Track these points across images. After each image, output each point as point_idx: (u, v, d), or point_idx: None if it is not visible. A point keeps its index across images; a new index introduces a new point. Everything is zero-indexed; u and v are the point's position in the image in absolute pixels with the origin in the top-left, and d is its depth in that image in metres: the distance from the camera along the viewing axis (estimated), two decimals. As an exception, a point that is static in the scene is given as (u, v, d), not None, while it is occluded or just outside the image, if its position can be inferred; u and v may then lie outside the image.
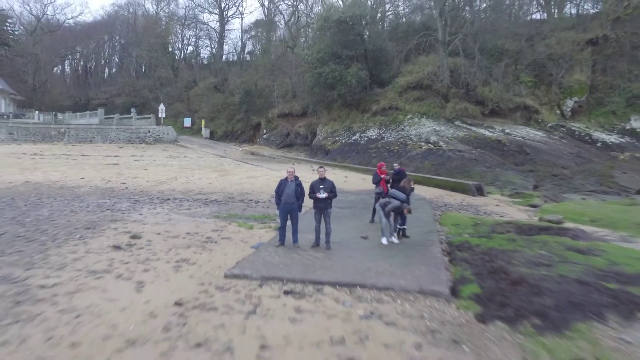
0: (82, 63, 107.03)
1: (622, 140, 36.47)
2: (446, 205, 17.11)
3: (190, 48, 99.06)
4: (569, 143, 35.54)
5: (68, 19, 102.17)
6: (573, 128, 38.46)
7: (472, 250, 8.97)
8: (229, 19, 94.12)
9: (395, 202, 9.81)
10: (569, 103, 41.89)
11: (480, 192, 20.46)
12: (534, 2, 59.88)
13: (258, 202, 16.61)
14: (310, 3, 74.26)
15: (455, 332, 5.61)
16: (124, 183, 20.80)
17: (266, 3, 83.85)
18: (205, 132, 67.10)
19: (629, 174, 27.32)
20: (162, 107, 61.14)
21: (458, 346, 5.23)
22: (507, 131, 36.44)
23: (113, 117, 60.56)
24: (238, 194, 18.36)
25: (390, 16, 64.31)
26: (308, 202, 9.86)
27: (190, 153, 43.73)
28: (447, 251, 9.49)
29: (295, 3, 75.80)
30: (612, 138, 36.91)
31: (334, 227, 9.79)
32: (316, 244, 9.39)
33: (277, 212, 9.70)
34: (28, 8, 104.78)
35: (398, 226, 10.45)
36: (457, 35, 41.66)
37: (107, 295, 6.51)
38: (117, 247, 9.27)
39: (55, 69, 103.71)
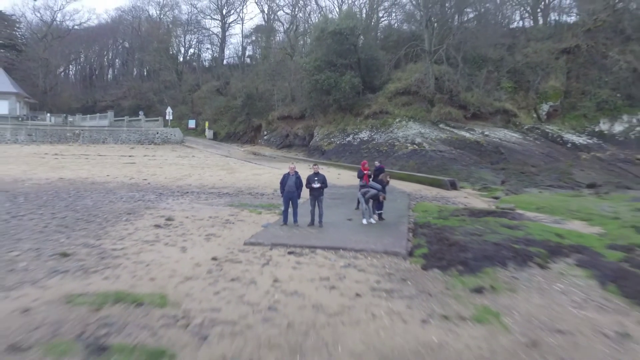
0: (87, 66, 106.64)
1: (590, 141, 38.76)
2: (422, 197, 19.43)
3: (192, 51, 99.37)
4: (542, 144, 37.81)
5: (76, 25, 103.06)
6: (547, 130, 40.74)
7: (430, 227, 11.36)
8: (231, 25, 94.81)
9: (373, 191, 12.17)
10: (545, 107, 44.11)
11: (453, 186, 22.83)
12: (518, 12, 62.33)
13: (263, 194, 18.92)
14: (307, 11, 75.16)
15: (405, 275, 7.97)
16: (145, 179, 23.04)
17: (266, 9, 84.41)
18: (208, 133, 68.02)
19: (585, 171, 29.69)
20: (169, 110, 62.87)
21: (404, 282, 7.58)
22: (486, 133, 38.67)
23: (123, 119, 61.75)
24: (246, 188, 20.66)
25: (384, 24, 66.03)
26: (305, 194, 12.22)
27: (197, 153, 45.50)
28: (412, 229, 11.84)
29: (294, 12, 77.31)
30: (581, 139, 39.18)
31: (325, 212, 12.13)
32: (311, 223, 11.72)
33: (282, 199, 12.12)
34: (39, 15, 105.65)
35: (376, 210, 12.83)
36: (442, 45, 43.87)
37: (163, 254, 8.84)
38: (158, 226, 11.59)
39: (63, 72, 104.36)
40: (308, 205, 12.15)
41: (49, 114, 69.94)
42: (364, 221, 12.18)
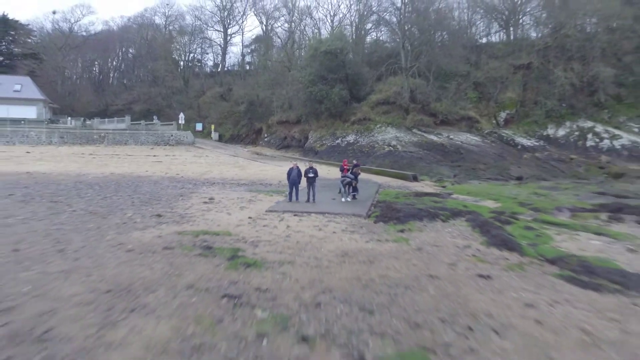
0: (97, 72, 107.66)
1: (537, 143, 43.55)
2: (389, 186, 24.17)
3: (196, 58, 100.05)
4: (497, 146, 42.60)
5: (91, 35, 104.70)
6: (503, 134, 45.49)
7: (385, 202, 16.14)
8: (232, 35, 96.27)
9: (347, 179, 16.93)
10: (503, 115, 48.87)
11: (415, 179, 27.62)
12: (489, 27, 66.51)
13: (271, 184, 23.55)
14: (303, 25, 78.60)
15: (362, 225, 12.74)
16: (178, 174, 27.44)
17: (264, 20, 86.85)
18: (214, 135, 71.01)
19: (522, 168, 34.60)
20: (182, 115, 66.83)
21: (361, 228, 12.33)
22: (450, 137, 43.40)
23: (139, 123, 64.44)
24: (257, 180, 25.26)
25: (371, 37, 69.31)
26: (302, 182, 16.93)
27: (208, 153, 49.23)
28: (374, 204, 16.60)
29: (290, 27, 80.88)
30: (530, 142, 43.93)
31: (317, 194, 16.89)
32: (307, 200, 16.41)
33: (288, 185, 16.84)
34: (58, 26, 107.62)
35: (351, 192, 17.56)
36: (415, 63, 48.62)
37: (217, 216, 13.49)
38: (205, 202, 16.21)
39: (78, 79, 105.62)
40: (306, 188, 16.91)
41: (69, 118, 72.81)
42: (343, 199, 16.95)
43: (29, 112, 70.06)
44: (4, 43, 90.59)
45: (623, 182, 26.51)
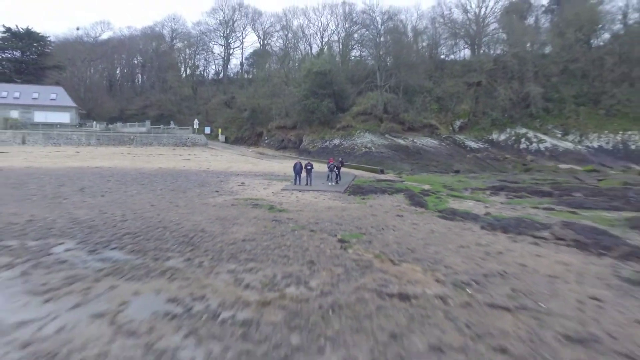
0: (109, 79, 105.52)
1: (482, 146, 50.35)
2: (362, 177, 30.48)
3: (200, 67, 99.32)
4: (450, 148, 49.30)
5: (101, 42, 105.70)
6: (456, 138, 52.18)
7: (357, 185, 22.55)
8: (234, 49, 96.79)
9: (331, 166, 23.34)
10: (457, 123, 55.45)
11: (382, 172, 34.12)
12: (453, 47, 72.35)
13: (278, 175, 29.65)
14: (295, 42, 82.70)
15: (341, 197, 19.18)
16: (208, 168, 33.27)
17: (262, 36, 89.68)
18: (221, 137, 72.74)
19: (463, 164, 41.42)
20: (196, 120, 71.78)
21: (340, 198, 18.76)
22: (414, 141, 49.98)
23: (159, 127, 68.64)
24: (268, 172, 31.38)
25: (355, 53, 74.50)
26: (303, 172, 23.26)
27: (221, 152, 54.11)
28: (350, 186, 23.00)
29: (285, 43, 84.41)
30: (477, 145, 50.70)
31: (313, 181, 23.25)
32: (306, 184, 22.72)
33: (293, 175, 23.20)
34: (82, 41, 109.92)
35: (335, 178, 23.92)
36: (388, 82, 55.08)
37: (253, 192, 19.76)
38: (240, 185, 22.44)
39: (95, 86, 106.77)
40: (305, 177, 23.25)
41: (95, 122, 74.18)
42: (329, 183, 23.36)
43: (64, 118, 73.06)
44: (28, 54, 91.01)
45: (527, 175, 33.33)
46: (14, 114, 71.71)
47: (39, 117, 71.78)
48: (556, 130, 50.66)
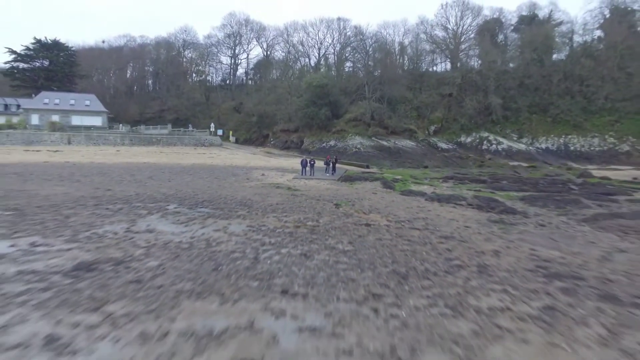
0: (132, 85, 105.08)
1: (451, 147, 55.71)
2: (352, 170, 35.82)
3: (209, 74, 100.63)
4: (425, 149, 54.64)
5: (128, 57, 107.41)
6: (430, 141, 57.52)
7: (347, 176, 27.85)
8: (240, 60, 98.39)
9: (328, 161, 28.62)
10: (432, 127, 60.74)
11: (367, 167, 39.45)
12: (433, 60, 77.32)
13: (288, 169, 34.84)
14: (296, 54, 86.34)
15: (336, 184, 24.52)
16: (231, 164, 38.30)
17: (265, 48, 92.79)
18: (232, 139, 74.47)
19: (432, 161, 46.79)
20: (212, 124, 76.46)
21: (335, 184, 24.09)
22: (396, 143, 55.26)
23: (179, 130, 71.51)
24: (279, 167, 36.49)
25: (349, 65, 79.70)
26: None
27: (235, 152, 58.27)
28: (342, 176, 28.27)
29: (287, 57, 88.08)
30: (447, 146, 56.05)
31: (315, 172, 28.53)
32: (310, 174, 27.98)
33: (300, 169, 28.48)
34: (105, 51, 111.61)
35: (331, 171, 29.20)
36: (375, 94, 60.26)
37: (273, 178, 25.03)
38: (262, 175, 27.62)
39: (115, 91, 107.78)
40: (309, 170, 28.52)
41: (121, 125, 75.67)
42: (327, 174, 28.63)
43: (96, 121, 75.93)
44: (56, 64, 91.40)
45: (479, 169, 38.77)
46: (55, 118, 74.19)
47: (76, 120, 74.37)
48: (513, 134, 56.09)
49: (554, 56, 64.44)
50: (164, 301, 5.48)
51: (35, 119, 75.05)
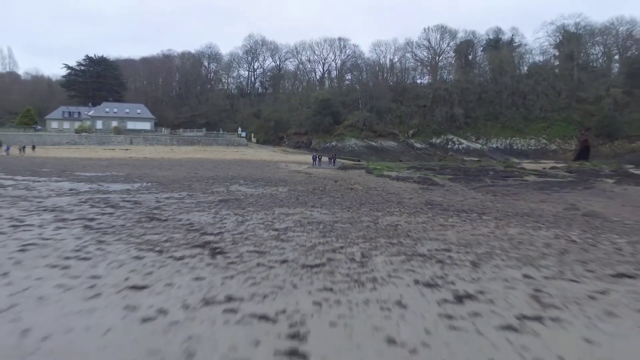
0: (167, 93, 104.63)
1: (424, 147, 62.68)
2: (347, 163, 43.01)
3: (232, 83, 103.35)
4: (403, 148, 61.62)
5: (163, 68, 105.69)
6: (409, 142, 64.49)
7: (344, 166, 35.17)
8: (258, 74, 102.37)
9: (331, 159, 35.98)
10: (410, 131, 67.59)
11: (359, 161, 46.46)
12: (416, 73, 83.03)
13: (302, 162, 42.05)
14: (304, 68, 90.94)
15: (336, 171, 31.83)
16: (261, 159, 45.60)
17: (279, 63, 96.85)
18: (253, 140, 78.16)
19: (407, 157, 53.77)
20: (240, 128, 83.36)
21: (335, 171, 31.43)
22: (382, 143, 62.23)
23: (213, 132, 76.76)
24: (296, 161, 43.57)
25: (347, 79, 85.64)
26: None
27: (258, 150, 64.17)
28: (340, 167, 35.57)
29: (297, 71, 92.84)
30: (421, 146, 63.00)
31: (322, 164, 35.88)
32: (318, 165, 35.32)
33: (311, 161, 35.90)
34: (147, 64, 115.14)
35: (333, 163, 36.54)
36: (366, 106, 67.12)
37: (295, 168, 32.47)
38: (285, 166, 35.01)
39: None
40: (318, 161, 35.87)
41: (164, 129, 78.20)
42: (330, 165, 35.95)
43: (146, 126, 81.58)
44: (103, 77, 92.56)
45: (438, 162, 45.82)
46: (115, 123, 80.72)
47: (130, 125, 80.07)
48: (472, 136, 63.02)
49: (510, 75, 70.72)
50: (266, 207, 12.85)
51: (99, 124, 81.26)
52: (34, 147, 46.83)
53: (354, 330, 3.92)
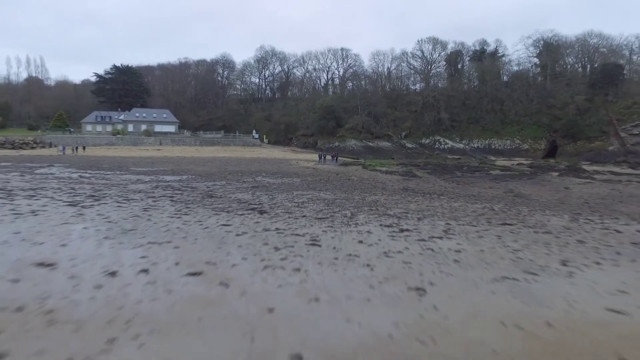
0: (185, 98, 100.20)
1: (415, 146, 65.52)
2: (347, 161, 46.21)
3: (241, 90, 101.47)
4: (397, 148, 64.49)
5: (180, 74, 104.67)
6: (402, 142, 67.30)
7: (344, 163, 38.47)
8: (268, 81, 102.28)
9: (334, 157, 39.26)
10: (403, 133, 70.40)
11: (357, 159, 49.61)
12: (409, 80, 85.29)
13: (310, 160, 45.37)
14: (310, 76, 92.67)
15: (338, 167, 35.22)
16: (274, 157, 48.86)
17: (287, 71, 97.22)
18: (265, 140, 76.11)
19: (399, 155, 56.72)
20: (254, 130, 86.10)
21: (338, 167, 34.80)
22: (378, 144, 65.16)
23: (230, 134, 78.81)
24: (304, 159, 46.92)
25: (348, 90, 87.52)
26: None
27: (271, 150, 64.08)
28: (342, 164, 38.84)
29: (303, 80, 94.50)
30: (412, 146, 65.82)
31: (326, 161, 39.18)
32: (324, 163, 38.66)
33: (318, 159, 39.22)
34: (167, 71, 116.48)
35: (335, 161, 39.82)
36: (364, 112, 70.07)
37: (304, 164, 35.80)
38: (296, 163, 38.36)
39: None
40: (323, 161, 39.16)
41: (186, 131, 77.59)
42: (334, 162, 39.23)
43: (171, 129, 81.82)
44: (129, 84, 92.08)
45: (424, 160, 48.75)
46: (144, 127, 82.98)
47: (157, 128, 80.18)
48: (456, 137, 65.84)
49: (490, 83, 73.22)
50: (287, 190, 16.24)
51: (130, 127, 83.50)
52: (84, 148, 50.45)
53: (343, 238, 7.36)
